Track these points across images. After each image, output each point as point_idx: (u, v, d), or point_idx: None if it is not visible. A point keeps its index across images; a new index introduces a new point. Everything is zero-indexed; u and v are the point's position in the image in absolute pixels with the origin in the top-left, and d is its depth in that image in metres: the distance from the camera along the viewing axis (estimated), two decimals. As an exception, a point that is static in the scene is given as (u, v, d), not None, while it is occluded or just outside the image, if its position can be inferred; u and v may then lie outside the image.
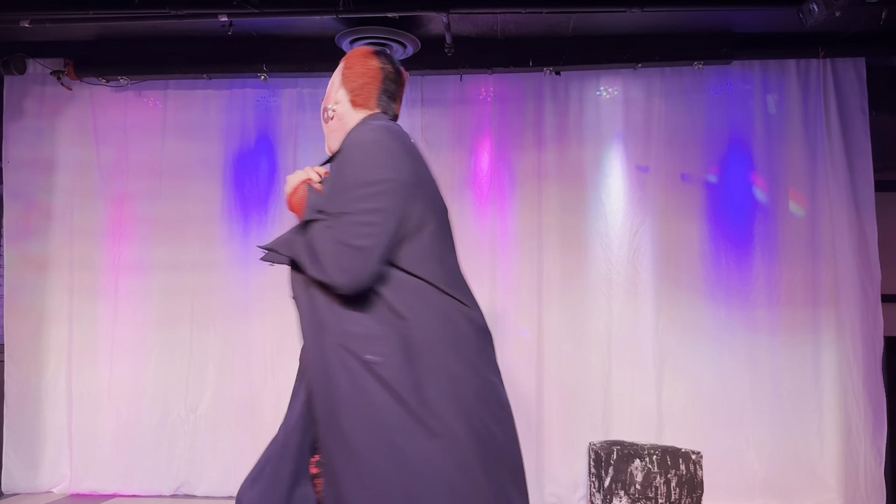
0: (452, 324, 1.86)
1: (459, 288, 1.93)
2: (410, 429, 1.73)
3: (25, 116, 4.91)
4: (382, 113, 2.04)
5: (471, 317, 1.91)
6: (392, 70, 2.05)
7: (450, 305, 1.87)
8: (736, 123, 4.66)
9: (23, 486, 4.67)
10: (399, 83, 2.07)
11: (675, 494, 3.98)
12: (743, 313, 4.53)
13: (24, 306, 4.81)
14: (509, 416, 1.94)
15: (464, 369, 1.84)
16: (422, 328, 1.80)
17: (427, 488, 1.71)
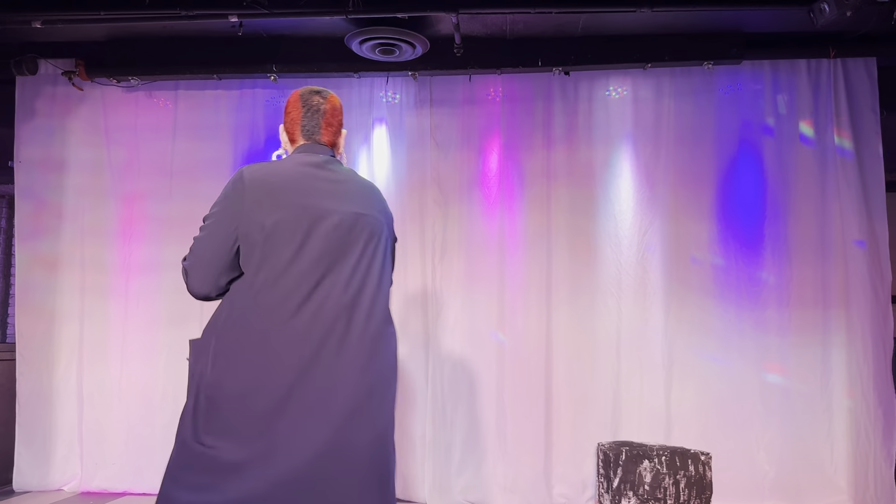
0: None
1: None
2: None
3: (37, 116, 4.94)
4: (307, 143, 2.23)
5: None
6: (313, 102, 2.25)
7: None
8: (746, 124, 4.65)
9: (34, 483, 4.71)
10: (321, 111, 2.25)
11: (683, 495, 3.97)
12: (752, 314, 4.52)
13: (35, 305, 4.84)
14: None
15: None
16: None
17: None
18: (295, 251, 2.02)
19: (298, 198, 2.07)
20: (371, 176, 4.77)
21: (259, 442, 1.93)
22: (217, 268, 2.11)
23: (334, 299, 2.03)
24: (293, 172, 2.13)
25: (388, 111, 4.82)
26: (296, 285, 2.01)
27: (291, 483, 1.90)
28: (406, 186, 4.73)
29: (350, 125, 4.83)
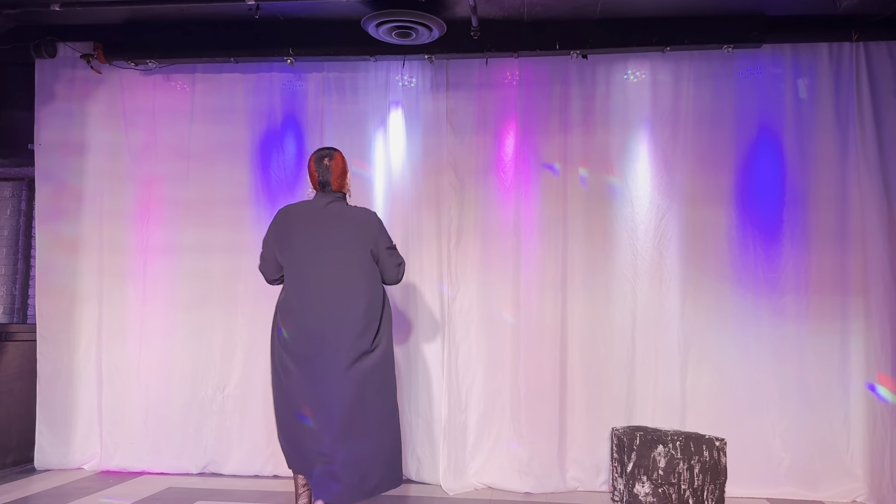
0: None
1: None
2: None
3: (56, 99, 4.98)
4: (321, 192, 3.50)
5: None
6: (323, 163, 3.48)
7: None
8: (765, 108, 4.60)
9: (55, 462, 4.79)
10: (329, 168, 3.47)
11: (698, 481, 3.97)
12: (770, 300, 4.49)
13: (55, 287, 4.90)
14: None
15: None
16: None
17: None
18: (303, 258, 3.37)
19: (306, 226, 3.40)
20: (387, 161, 4.77)
21: (300, 339, 3.33)
22: (271, 268, 3.53)
23: (326, 282, 3.32)
24: (306, 210, 3.47)
25: (403, 95, 4.81)
26: (304, 277, 3.35)
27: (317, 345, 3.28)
28: (422, 171, 4.73)
29: (366, 109, 4.84)
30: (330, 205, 3.42)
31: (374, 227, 3.40)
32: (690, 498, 3.96)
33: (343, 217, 3.39)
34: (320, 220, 3.37)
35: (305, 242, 3.35)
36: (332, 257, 3.31)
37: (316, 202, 3.44)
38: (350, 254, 3.32)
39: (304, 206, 3.47)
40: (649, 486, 3.95)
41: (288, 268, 3.39)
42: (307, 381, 3.24)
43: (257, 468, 4.69)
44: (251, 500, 4.09)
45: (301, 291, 3.32)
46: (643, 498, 3.95)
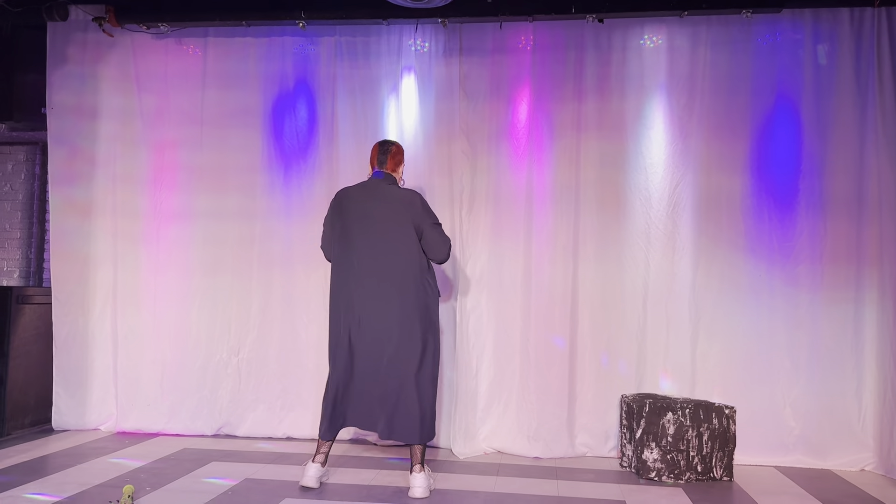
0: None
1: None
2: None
3: (68, 63, 4.97)
4: (376, 170, 3.92)
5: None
6: (384, 147, 3.94)
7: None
8: (784, 75, 4.53)
9: (71, 423, 4.87)
10: (389, 152, 3.93)
11: (706, 448, 4.00)
12: (784, 269, 4.47)
13: (70, 251, 4.94)
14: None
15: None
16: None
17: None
18: (352, 234, 3.76)
19: (360, 203, 3.79)
20: (399, 127, 4.74)
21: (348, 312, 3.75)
22: (330, 247, 3.87)
23: (372, 257, 3.72)
24: (360, 190, 3.86)
25: (416, 60, 4.76)
26: (352, 250, 3.75)
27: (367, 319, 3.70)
28: (434, 137, 4.70)
29: (378, 74, 4.80)
30: (381, 185, 3.81)
31: (418, 206, 3.73)
32: (699, 465, 3.99)
33: (392, 197, 3.77)
34: (372, 199, 3.76)
35: (358, 217, 3.74)
36: (381, 231, 3.70)
37: (369, 183, 3.85)
38: (398, 229, 3.69)
39: (359, 187, 3.86)
40: (658, 453, 3.98)
41: (342, 240, 3.75)
42: (363, 342, 3.67)
43: (271, 430, 4.76)
44: (265, 461, 4.16)
45: (353, 262, 3.71)
46: (651, 464, 3.99)
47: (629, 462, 4.19)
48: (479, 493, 3.64)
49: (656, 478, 3.98)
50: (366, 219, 3.73)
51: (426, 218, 3.75)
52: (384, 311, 3.65)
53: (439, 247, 3.75)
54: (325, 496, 3.53)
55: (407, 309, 3.64)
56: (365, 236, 3.71)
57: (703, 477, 4.00)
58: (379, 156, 3.89)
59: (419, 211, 3.73)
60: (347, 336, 3.68)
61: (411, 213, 3.72)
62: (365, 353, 3.66)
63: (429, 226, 3.73)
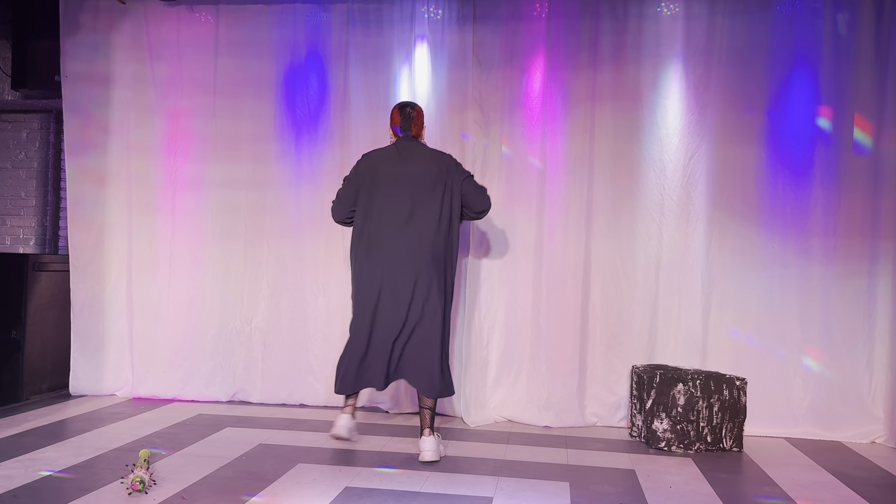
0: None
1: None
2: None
3: (81, 31, 4.96)
4: (402, 135, 3.89)
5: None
6: (405, 111, 3.89)
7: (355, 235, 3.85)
8: (802, 44, 4.46)
9: (88, 388, 4.95)
10: (410, 117, 3.87)
11: (717, 419, 4.02)
12: (797, 242, 4.44)
13: (86, 219, 4.98)
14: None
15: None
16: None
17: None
18: (379, 196, 3.76)
19: (389, 164, 3.79)
20: (412, 96, 4.71)
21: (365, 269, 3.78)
22: (345, 208, 3.85)
23: (400, 222, 3.72)
24: (388, 152, 3.85)
25: (429, 28, 4.72)
26: (380, 214, 3.75)
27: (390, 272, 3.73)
28: (447, 107, 4.68)
29: (391, 42, 4.76)
30: (412, 147, 3.81)
31: (452, 166, 3.77)
32: (709, 435, 4.02)
33: (424, 158, 3.78)
34: (404, 162, 3.76)
35: (389, 181, 3.73)
36: (410, 195, 3.70)
37: (397, 145, 3.83)
38: (428, 193, 3.70)
39: (386, 149, 3.85)
40: (668, 423, 4.00)
41: (369, 203, 3.75)
42: (385, 306, 3.69)
43: (284, 397, 4.82)
44: (278, 427, 4.21)
45: (381, 226, 3.71)
46: (661, 434, 4.01)
47: (639, 432, 4.22)
48: (489, 461, 3.68)
49: (666, 448, 4.01)
50: (396, 182, 3.71)
51: (460, 175, 3.77)
52: (408, 276, 3.66)
53: (481, 198, 3.80)
54: (337, 461, 3.58)
55: (430, 274, 3.67)
56: (394, 200, 3.70)
57: (713, 447, 4.03)
58: (402, 122, 3.85)
59: (453, 171, 3.76)
60: (375, 297, 3.69)
61: (445, 175, 3.73)
62: (386, 318, 3.68)
63: (466, 182, 3.77)
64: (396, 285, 3.67)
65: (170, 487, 3.07)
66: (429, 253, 3.67)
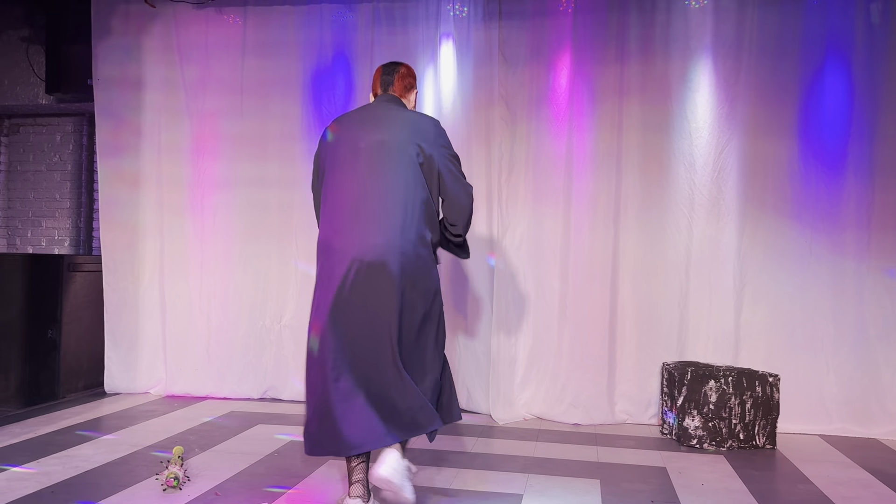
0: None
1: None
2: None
3: (113, 35, 5.04)
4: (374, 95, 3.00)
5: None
6: (390, 67, 2.98)
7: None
8: (834, 36, 4.38)
9: (123, 386, 5.04)
10: (397, 72, 2.96)
11: (749, 416, 3.97)
12: (830, 236, 4.37)
13: (118, 220, 5.07)
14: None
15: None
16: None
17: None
18: (339, 173, 2.78)
19: (356, 126, 2.82)
20: (437, 94, 4.72)
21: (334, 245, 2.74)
22: (317, 199, 2.97)
23: (364, 191, 2.70)
24: (358, 112, 2.90)
25: (455, 25, 4.72)
26: (338, 196, 2.75)
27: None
28: (472, 104, 4.67)
29: (416, 40, 4.77)
30: (385, 107, 2.87)
31: (431, 132, 2.79)
32: (741, 432, 3.97)
33: (396, 120, 2.80)
34: (369, 126, 2.80)
35: (349, 150, 2.77)
36: (372, 167, 2.72)
37: (370, 105, 2.95)
38: (396, 164, 2.71)
39: (357, 111, 2.94)
40: (699, 420, 3.96)
41: (330, 182, 2.79)
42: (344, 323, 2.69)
43: (314, 395, 4.85)
44: (308, 425, 4.25)
45: (341, 212, 2.74)
46: (693, 431, 3.98)
47: (670, 429, 4.19)
48: (519, 458, 3.67)
49: (697, 445, 3.97)
50: (356, 152, 2.75)
51: (441, 150, 2.79)
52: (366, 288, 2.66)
53: (458, 195, 2.81)
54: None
55: (397, 286, 2.64)
56: (353, 175, 2.73)
57: (746, 445, 3.98)
58: (383, 77, 2.95)
59: (432, 138, 2.78)
60: (327, 316, 2.69)
61: (420, 141, 2.75)
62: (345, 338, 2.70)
63: (446, 162, 2.79)
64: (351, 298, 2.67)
65: (203, 484, 3.11)
66: (395, 255, 2.64)
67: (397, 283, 2.63)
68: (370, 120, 2.81)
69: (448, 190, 2.80)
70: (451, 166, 2.80)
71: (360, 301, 2.64)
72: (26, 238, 6.10)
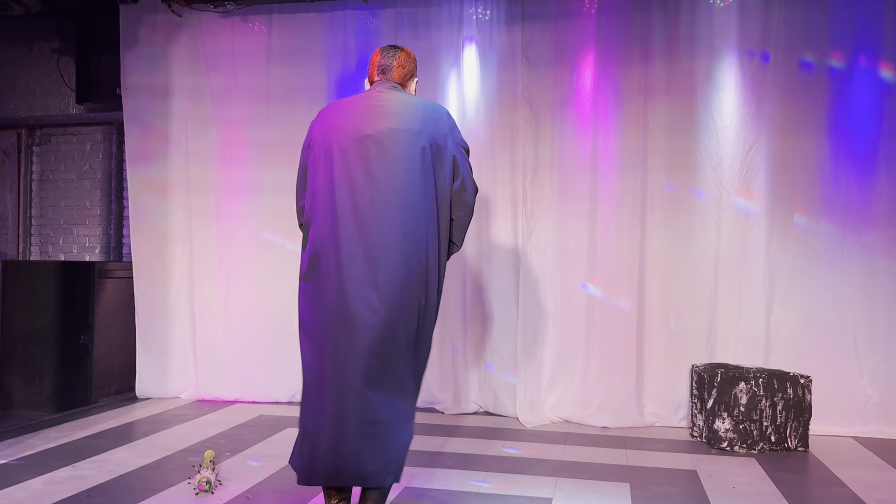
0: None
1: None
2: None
3: (140, 44, 5.12)
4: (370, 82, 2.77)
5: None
6: (388, 51, 2.76)
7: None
8: (862, 31, 4.32)
9: (154, 391, 5.10)
10: (396, 55, 2.74)
11: (780, 417, 3.92)
12: (861, 235, 4.31)
13: (148, 227, 5.14)
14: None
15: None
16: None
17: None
18: (322, 171, 2.58)
19: (337, 125, 2.58)
20: (460, 98, 4.73)
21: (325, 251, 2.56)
22: (301, 188, 2.76)
23: (361, 209, 2.50)
24: (353, 99, 2.67)
25: (478, 29, 4.72)
26: (332, 197, 2.54)
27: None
28: (496, 107, 4.67)
29: (439, 44, 4.78)
30: (385, 93, 2.64)
31: (444, 121, 2.62)
32: (773, 435, 3.92)
33: (400, 107, 2.59)
34: (369, 114, 2.58)
35: (340, 143, 2.54)
36: (378, 163, 2.52)
37: (368, 91, 2.70)
38: (403, 157, 2.53)
39: (356, 97, 2.70)
40: (730, 423, 3.92)
41: (323, 180, 2.57)
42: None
43: (341, 399, 4.88)
44: (337, 429, 4.27)
45: (325, 215, 2.55)
46: (723, 434, 3.94)
47: (700, 432, 4.15)
48: (548, 461, 3.66)
49: (728, 448, 3.93)
50: (362, 141, 2.53)
51: (454, 141, 2.64)
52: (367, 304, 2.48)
53: (470, 196, 2.67)
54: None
55: (403, 303, 2.50)
56: (353, 167, 2.52)
57: (777, 447, 3.93)
58: (381, 62, 2.72)
59: (446, 129, 2.61)
60: (321, 336, 2.52)
61: (434, 131, 2.57)
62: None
63: (459, 153, 2.64)
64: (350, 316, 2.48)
65: (235, 487, 3.15)
66: (398, 267, 2.47)
67: (413, 287, 2.50)
68: (375, 107, 2.59)
69: (457, 181, 2.64)
70: (461, 160, 2.66)
71: (365, 308, 2.47)
72: (58, 246, 6.22)
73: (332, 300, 2.48)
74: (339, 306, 2.47)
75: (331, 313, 2.48)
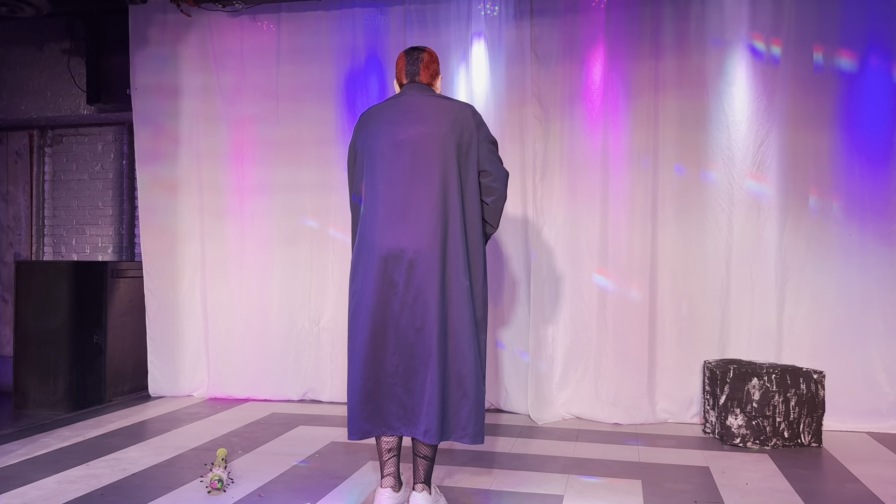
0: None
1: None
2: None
3: (149, 44, 5.14)
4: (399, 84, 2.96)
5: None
6: (413, 55, 2.93)
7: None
8: (875, 22, 4.27)
9: (166, 390, 5.13)
10: (420, 59, 2.91)
11: (794, 413, 3.89)
12: (876, 228, 4.26)
13: (158, 226, 5.16)
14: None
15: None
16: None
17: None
18: (372, 175, 2.80)
19: (388, 119, 2.82)
20: (469, 94, 4.71)
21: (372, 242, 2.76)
22: (357, 186, 2.91)
23: (399, 203, 2.73)
24: (388, 104, 2.88)
25: (486, 25, 4.71)
26: (376, 192, 2.77)
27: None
28: (505, 103, 4.66)
29: (448, 41, 4.76)
30: (418, 96, 2.85)
31: (470, 120, 2.80)
32: (786, 430, 3.89)
33: (433, 110, 2.80)
34: (406, 117, 2.80)
35: (387, 143, 2.78)
36: (412, 160, 2.75)
37: (401, 95, 2.90)
38: (435, 156, 2.74)
39: (389, 102, 2.91)
40: (742, 419, 3.90)
41: (368, 179, 2.81)
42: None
43: (352, 396, 4.89)
44: (348, 427, 4.27)
45: (375, 214, 2.77)
46: (736, 430, 3.91)
47: (712, 428, 4.13)
48: (559, 458, 3.65)
49: (741, 444, 3.90)
50: (399, 146, 2.76)
51: (482, 137, 2.81)
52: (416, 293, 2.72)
53: (496, 181, 2.83)
54: (408, 459, 3.61)
55: (444, 287, 2.71)
56: (391, 170, 2.76)
57: (791, 443, 3.90)
58: (407, 67, 2.91)
59: (473, 127, 2.79)
60: (370, 328, 2.74)
61: (462, 129, 2.77)
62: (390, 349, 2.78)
63: (487, 149, 2.82)
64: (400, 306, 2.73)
65: (247, 485, 3.16)
66: (437, 256, 2.70)
67: (442, 278, 2.70)
68: (408, 112, 2.81)
69: (489, 179, 2.82)
70: (493, 154, 2.85)
71: (411, 299, 2.70)
72: (71, 246, 6.26)
73: (380, 298, 2.72)
74: (388, 305, 2.72)
75: (381, 311, 2.73)
